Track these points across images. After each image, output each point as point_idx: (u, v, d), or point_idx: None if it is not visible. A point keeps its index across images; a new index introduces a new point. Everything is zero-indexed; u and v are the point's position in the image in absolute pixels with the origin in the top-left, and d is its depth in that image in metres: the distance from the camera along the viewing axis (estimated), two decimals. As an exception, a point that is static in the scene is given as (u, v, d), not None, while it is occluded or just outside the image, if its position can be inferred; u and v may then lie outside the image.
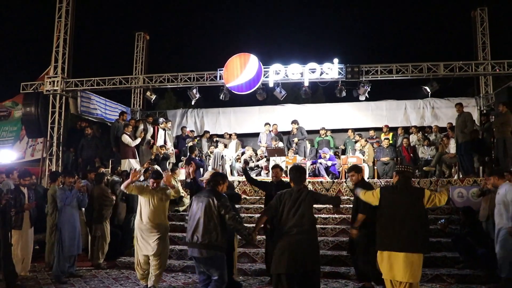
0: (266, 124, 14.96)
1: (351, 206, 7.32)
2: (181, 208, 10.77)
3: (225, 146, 15.11)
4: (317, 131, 15.47)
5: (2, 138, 16.94)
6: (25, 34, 28.09)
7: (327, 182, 12.13)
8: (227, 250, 5.91)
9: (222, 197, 5.53)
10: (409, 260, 5.21)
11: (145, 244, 6.89)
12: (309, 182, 11.87)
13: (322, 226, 9.69)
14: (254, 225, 5.71)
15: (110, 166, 13.65)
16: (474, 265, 7.75)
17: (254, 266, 8.52)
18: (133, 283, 7.76)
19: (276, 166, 8.14)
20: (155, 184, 7.02)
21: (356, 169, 7.06)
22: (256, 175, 13.66)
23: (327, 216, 10.15)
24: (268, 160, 13.71)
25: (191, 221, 5.50)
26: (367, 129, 15.52)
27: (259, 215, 7.07)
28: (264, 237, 7.95)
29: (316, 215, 9.33)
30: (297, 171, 5.67)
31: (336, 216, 10.08)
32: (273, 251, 5.44)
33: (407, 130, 14.77)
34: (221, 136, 16.09)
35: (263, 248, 8.64)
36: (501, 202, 6.93)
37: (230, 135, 15.85)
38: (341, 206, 10.02)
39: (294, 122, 14.83)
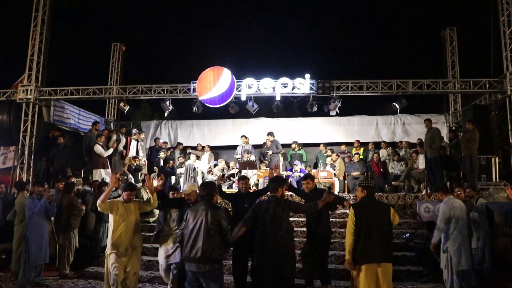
0: (242, 136, 15.06)
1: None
2: (151, 219, 10.78)
3: (198, 158, 15.15)
4: (290, 145, 15.60)
5: (-27, 146, 16.71)
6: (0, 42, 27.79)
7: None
8: None
9: (219, 208, 5.49)
10: (385, 269, 5.55)
11: (121, 263, 6.46)
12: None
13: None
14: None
15: (82, 176, 13.55)
16: (438, 279, 7.87)
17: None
18: (99, 293, 7.76)
19: (244, 177, 8.09)
20: (130, 196, 6.69)
21: (310, 177, 7.55)
22: (228, 188, 13.72)
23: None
24: (240, 172, 13.80)
25: (188, 235, 5.37)
26: (339, 144, 15.74)
27: None
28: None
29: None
30: (274, 181, 6.03)
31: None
32: (252, 260, 5.81)
33: (378, 145, 15.05)
34: (194, 148, 16.13)
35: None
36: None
37: (203, 147, 15.90)
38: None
39: (270, 134, 14.89)
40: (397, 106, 13.45)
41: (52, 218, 9.08)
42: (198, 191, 6.53)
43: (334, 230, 9.54)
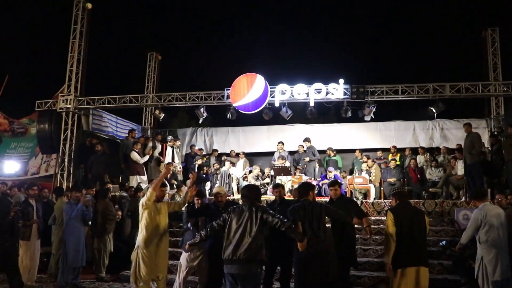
0: (279, 143, 15.07)
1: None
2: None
3: (233, 164, 15.25)
4: (325, 151, 15.55)
5: (19, 153, 17.42)
6: (41, 54, 28.87)
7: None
8: None
9: (261, 206, 5.42)
10: (424, 273, 5.78)
11: (153, 264, 6.46)
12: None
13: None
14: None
15: (119, 182, 13.84)
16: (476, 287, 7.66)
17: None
18: (133, 296, 7.88)
19: (278, 185, 7.98)
20: (163, 193, 6.94)
21: (338, 183, 7.46)
22: (263, 194, 13.75)
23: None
24: (274, 179, 13.82)
25: (231, 236, 5.20)
26: (375, 150, 15.55)
27: None
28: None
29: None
30: (303, 187, 6.20)
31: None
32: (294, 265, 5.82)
33: (415, 151, 14.76)
34: (229, 154, 16.21)
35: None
36: None
37: (237, 153, 15.98)
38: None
39: (306, 140, 14.89)
40: (434, 111, 13.12)
41: (89, 223, 9.36)
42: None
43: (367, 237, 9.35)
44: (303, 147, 14.82)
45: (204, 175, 12.60)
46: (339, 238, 6.48)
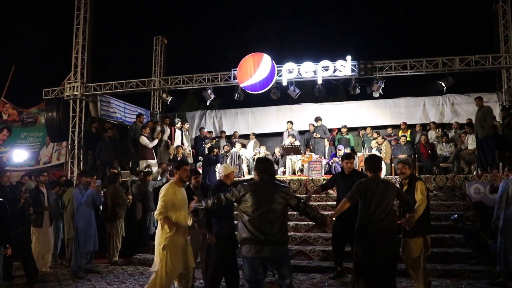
0: (288, 122, 15.07)
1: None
2: None
3: (244, 146, 15.25)
4: (335, 130, 15.48)
5: (30, 143, 17.53)
6: (47, 42, 28.85)
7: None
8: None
9: (284, 186, 4.91)
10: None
11: (182, 258, 5.96)
12: (324, 180, 11.87)
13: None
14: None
15: (129, 167, 13.89)
16: (487, 261, 7.58)
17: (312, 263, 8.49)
18: (147, 278, 7.89)
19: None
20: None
21: (353, 157, 7.64)
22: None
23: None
24: (284, 158, 13.87)
25: (253, 218, 4.64)
26: (385, 127, 15.41)
27: None
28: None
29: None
30: (374, 160, 5.75)
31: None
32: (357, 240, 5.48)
33: (425, 127, 14.62)
34: (242, 136, 16.14)
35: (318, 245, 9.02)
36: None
37: (248, 135, 16.00)
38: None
39: (318, 119, 14.83)
40: (443, 85, 12.92)
41: (100, 207, 9.46)
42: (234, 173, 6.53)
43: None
44: (314, 126, 14.74)
45: (215, 157, 12.59)
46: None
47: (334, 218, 5.22)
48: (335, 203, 8.97)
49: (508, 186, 6.69)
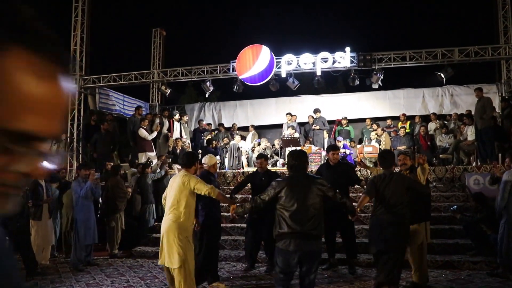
0: (287, 114, 15.05)
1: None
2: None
3: (243, 138, 15.24)
4: (334, 122, 15.48)
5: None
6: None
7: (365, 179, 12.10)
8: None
9: (319, 178, 4.95)
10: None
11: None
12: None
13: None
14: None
15: (129, 160, 13.88)
16: (487, 252, 7.60)
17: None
18: (146, 270, 7.99)
19: (261, 156, 7.99)
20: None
21: (338, 148, 8.18)
22: (272, 166, 13.82)
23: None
24: (283, 150, 13.85)
25: (292, 212, 4.51)
26: (384, 118, 15.40)
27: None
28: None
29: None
30: (383, 157, 5.91)
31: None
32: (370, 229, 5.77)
33: (425, 119, 14.61)
34: (241, 128, 16.14)
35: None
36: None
37: (247, 127, 15.95)
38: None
39: (316, 111, 14.81)
40: (443, 76, 12.91)
41: (100, 200, 9.46)
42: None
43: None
44: (313, 118, 14.73)
45: (213, 149, 12.60)
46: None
47: (358, 210, 5.59)
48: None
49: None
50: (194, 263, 5.48)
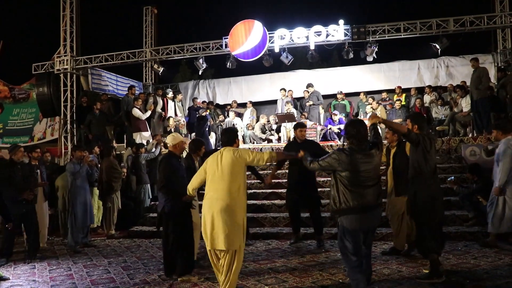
0: (282, 89, 14.96)
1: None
2: None
3: (239, 115, 15.17)
4: (330, 96, 15.45)
5: (22, 119, 17.36)
6: (34, 16, 28.33)
7: (338, 145, 12.08)
8: None
9: (375, 145, 4.71)
10: None
11: None
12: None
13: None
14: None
15: (125, 140, 13.79)
16: (483, 222, 7.57)
17: (262, 230, 8.70)
18: (143, 250, 8.00)
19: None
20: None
21: (305, 125, 8.05)
22: (268, 142, 13.84)
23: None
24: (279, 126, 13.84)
25: (358, 183, 4.36)
26: (379, 91, 15.31)
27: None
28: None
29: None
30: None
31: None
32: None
33: (420, 91, 14.51)
34: (231, 105, 16.07)
35: (273, 212, 9.23)
36: (496, 160, 6.74)
37: (245, 103, 15.87)
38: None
39: (310, 85, 14.76)
40: (438, 47, 12.72)
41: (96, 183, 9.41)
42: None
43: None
44: (308, 92, 14.65)
45: (202, 117, 12.67)
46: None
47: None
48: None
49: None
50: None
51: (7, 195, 6.90)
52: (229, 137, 5.30)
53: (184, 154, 7.24)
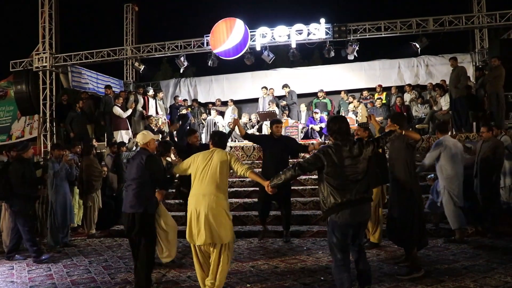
0: (263, 88, 14.99)
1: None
2: None
3: (220, 113, 15.14)
4: (311, 94, 15.51)
5: (0, 118, 17.02)
6: (12, 12, 27.80)
7: (319, 143, 12.14)
8: None
9: (361, 140, 4.67)
10: None
11: None
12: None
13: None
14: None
15: (105, 139, 13.66)
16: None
17: (244, 228, 8.73)
18: (124, 249, 7.94)
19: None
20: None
21: (281, 122, 8.34)
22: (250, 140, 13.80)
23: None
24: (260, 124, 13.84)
25: (345, 175, 4.30)
26: (360, 90, 15.43)
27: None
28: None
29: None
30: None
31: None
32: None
33: (401, 89, 14.66)
34: (213, 103, 16.03)
35: (255, 211, 9.19)
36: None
37: (226, 102, 15.84)
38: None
39: (285, 86, 14.86)
40: (418, 46, 12.90)
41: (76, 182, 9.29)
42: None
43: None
44: (288, 92, 14.73)
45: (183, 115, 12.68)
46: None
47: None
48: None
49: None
50: None
51: (21, 192, 7.29)
52: (223, 141, 5.48)
53: None
